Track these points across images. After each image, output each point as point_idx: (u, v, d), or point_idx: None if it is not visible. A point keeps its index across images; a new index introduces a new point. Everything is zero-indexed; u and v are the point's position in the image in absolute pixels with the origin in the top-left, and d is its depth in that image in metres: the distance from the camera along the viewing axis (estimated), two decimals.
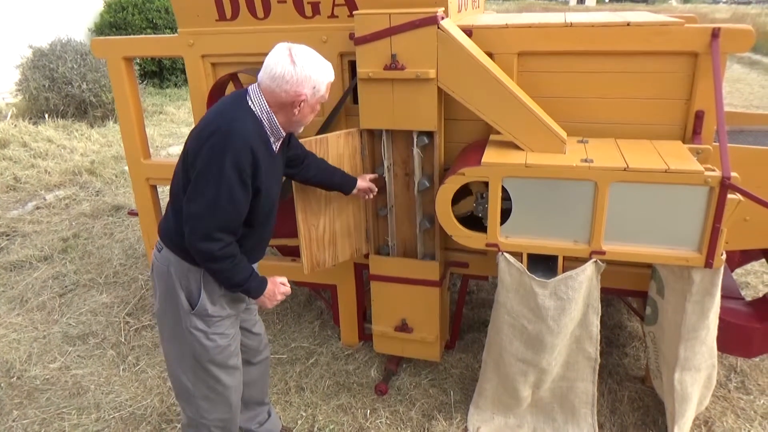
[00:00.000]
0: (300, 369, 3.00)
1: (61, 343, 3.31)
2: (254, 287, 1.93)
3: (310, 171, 2.26)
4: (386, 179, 2.56)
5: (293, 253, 3.04)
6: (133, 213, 3.59)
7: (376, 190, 2.50)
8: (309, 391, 2.84)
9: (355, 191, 2.41)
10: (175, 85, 10.93)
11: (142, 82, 9.82)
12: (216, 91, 2.75)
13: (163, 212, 3.32)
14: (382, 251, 2.73)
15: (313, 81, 1.81)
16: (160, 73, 10.93)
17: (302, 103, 1.83)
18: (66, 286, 3.94)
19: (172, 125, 8.48)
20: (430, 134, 2.46)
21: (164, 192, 5.68)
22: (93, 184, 5.94)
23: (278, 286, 2.01)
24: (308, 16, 2.62)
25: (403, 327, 2.77)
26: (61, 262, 4.29)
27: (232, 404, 2.14)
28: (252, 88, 1.85)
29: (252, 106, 1.83)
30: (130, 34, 10.29)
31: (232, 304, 2.03)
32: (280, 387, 2.87)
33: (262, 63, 2.71)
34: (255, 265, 2.11)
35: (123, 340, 3.31)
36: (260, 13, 2.68)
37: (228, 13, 2.72)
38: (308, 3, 2.59)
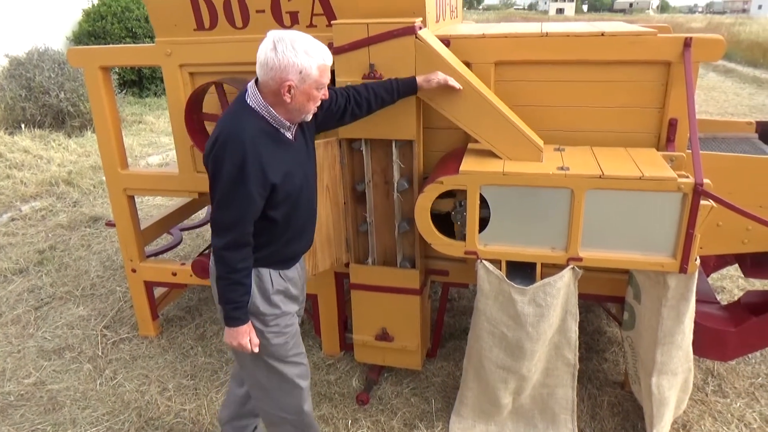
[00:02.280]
0: None
1: (36, 358, 3.24)
2: (233, 315, 1.90)
3: (363, 108, 2.20)
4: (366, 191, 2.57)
5: None
6: (110, 224, 3.54)
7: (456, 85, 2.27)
8: None
9: (430, 85, 2.25)
10: (155, 94, 10.85)
11: (122, 91, 9.74)
12: (194, 101, 2.74)
13: (143, 224, 3.30)
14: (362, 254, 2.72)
15: (298, 66, 1.74)
16: (140, 82, 10.85)
17: (291, 90, 1.77)
18: (42, 299, 3.86)
19: (151, 135, 8.41)
20: (409, 143, 2.47)
21: (142, 202, 5.62)
22: (70, 194, 5.86)
23: (252, 336, 1.94)
24: (287, 26, 2.62)
25: (384, 336, 2.76)
26: (37, 274, 4.22)
27: (300, 398, 2.15)
28: (250, 85, 1.85)
29: (250, 103, 1.82)
30: (108, 44, 10.21)
31: (287, 302, 2.07)
32: None
33: (240, 72, 2.75)
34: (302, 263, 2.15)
35: (100, 354, 3.26)
36: (239, 22, 2.68)
37: (206, 23, 2.71)
38: (287, 12, 2.60)
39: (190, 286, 3.79)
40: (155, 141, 8.05)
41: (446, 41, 2.42)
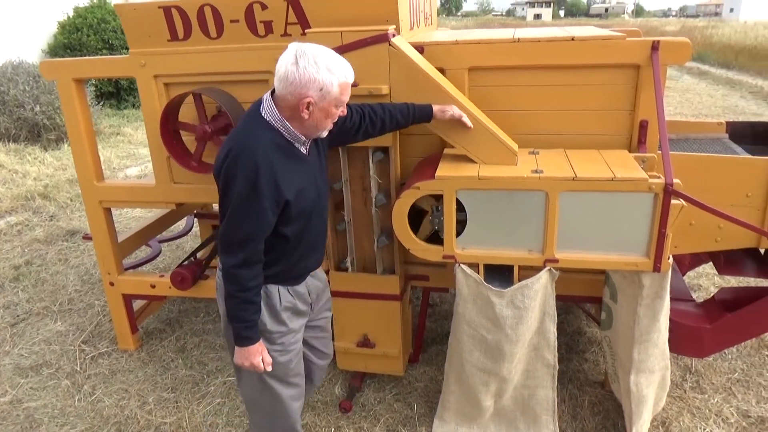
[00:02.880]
0: None
1: (13, 375, 3.18)
2: (244, 335, 1.87)
3: (377, 127, 2.17)
4: (344, 195, 2.57)
5: None
6: (87, 237, 3.50)
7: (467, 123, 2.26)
8: None
9: (444, 116, 2.23)
10: (133, 105, 10.76)
11: (99, 103, 9.64)
12: (169, 111, 2.72)
13: (120, 236, 3.26)
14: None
15: (319, 83, 1.70)
16: (118, 93, 10.76)
17: (310, 106, 1.73)
18: (18, 316, 3.80)
19: (129, 146, 8.33)
20: (385, 150, 2.48)
21: (121, 215, 5.56)
22: (47, 208, 5.77)
23: (265, 355, 1.92)
24: (261, 35, 2.63)
25: (366, 342, 2.76)
26: (13, 290, 4.14)
27: (292, 419, 2.14)
28: (265, 97, 1.81)
29: (265, 116, 1.78)
30: (85, 56, 10.11)
31: (294, 319, 2.03)
32: (242, 410, 2.82)
33: (216, 82, 2.74)
34: (317, 275, 2.15)
35: (78, 369, 3.21)
36: (213, 32, 2.67)
37: (180, 33, 2.71)
38: (261, 22, 2.60)
39: (169, 298, 3.76)
40: (134, 152, 7.98)
41: (420, 48, 2.45)
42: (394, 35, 2.32)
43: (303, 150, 1.87)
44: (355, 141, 2.20)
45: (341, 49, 2.33)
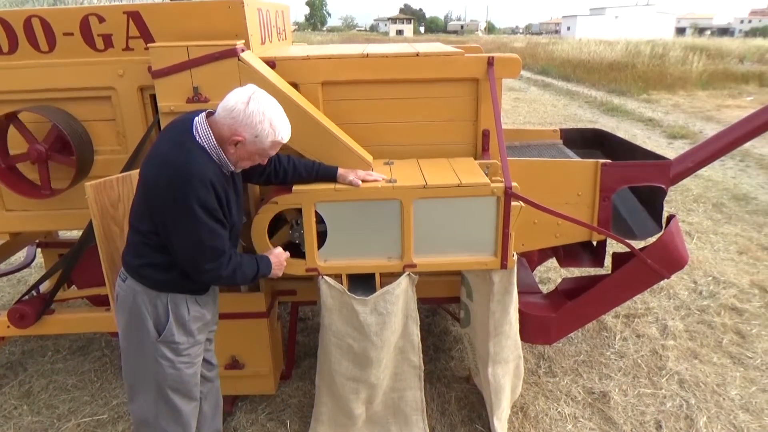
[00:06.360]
0: (123, 428, 2.74)
1: None
2: (265, 272, 2.08)
3: (279, 176, 2.23)
4: None
5: (106, 303, 2.80)
6: None
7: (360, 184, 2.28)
8: None
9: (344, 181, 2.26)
10: None
11: None
12: None
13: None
14: None
15: (256, 129, 1.82)
16: None
17: (238, 144, 1.84)
18: None
19: None
20: None
21: None
22: None
23: (279, 257, 2.16)
24: (100, 49, 2.48)
25: (234, 364, 2.68)
26: None
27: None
28: (200, 122, 1.85)
29: (200, 141, 1.83)
30: None
31: (202, 330, 2.06)
32: None
33: (48, 99, 2.53)
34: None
35: None
36: (44, 46, 2.48)
37: (4, 47, 2.48)
38: (99, 35, 2.46)
39: (10, 339, 3.37)
40: None
41: (272, 63, 2.45)
42: (243, 50, 2.30)
43: (229, 174, 1.95)
44: (256, 182, 2.30)
45: (189, 64, 2.27)
